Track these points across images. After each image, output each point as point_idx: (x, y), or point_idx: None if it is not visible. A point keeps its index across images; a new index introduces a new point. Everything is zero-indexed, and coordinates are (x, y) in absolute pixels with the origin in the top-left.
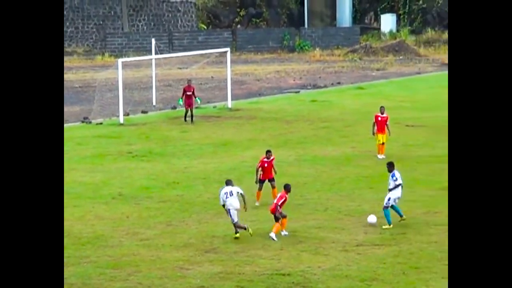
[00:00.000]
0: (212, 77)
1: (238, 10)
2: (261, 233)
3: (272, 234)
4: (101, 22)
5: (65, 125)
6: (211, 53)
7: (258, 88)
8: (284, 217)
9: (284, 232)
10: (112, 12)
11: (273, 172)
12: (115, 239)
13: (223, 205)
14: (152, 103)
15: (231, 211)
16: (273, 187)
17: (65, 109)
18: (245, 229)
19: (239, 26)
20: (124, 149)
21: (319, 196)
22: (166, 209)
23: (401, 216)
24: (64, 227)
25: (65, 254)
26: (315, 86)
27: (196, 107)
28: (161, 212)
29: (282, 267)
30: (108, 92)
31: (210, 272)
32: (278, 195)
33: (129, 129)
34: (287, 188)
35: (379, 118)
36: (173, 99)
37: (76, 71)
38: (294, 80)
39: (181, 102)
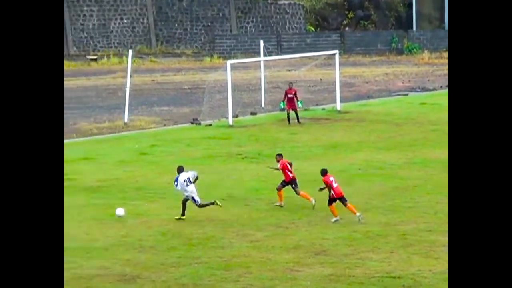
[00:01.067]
0: (320, 79)
1: (346, 12)
2: (370, 235)
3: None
4: (209, 24)
5: (174, 126)
6: (319, 55)
7: (367, 90)
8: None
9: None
10: (221, 14)
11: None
12: (225, 240)
13: (184, 194)
14: (261, 105)
15: (194, 198)
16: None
17: (175, 110)
18: (213, 203)
19: (347, 28)
20: (233, 150)
21: (429, 199)
22: (276, 211)
23: None
24: (175, 227)
25: (176, 255)
26: (424, 89)
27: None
28: (271, 214)
29: (393, 270)
30: (217, 94)
31: (321, 274)
32: (332, 178)
33: (238, 130)
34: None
35: None
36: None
37: (186, 72)
38: (402, 83)
39: (282, 105)
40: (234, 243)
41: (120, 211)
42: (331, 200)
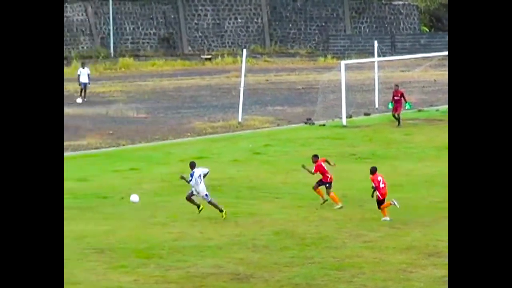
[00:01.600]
0: (434, 80)
1: None
2: None
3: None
4: (323, 24)
5: (288, 126)
6: (433, 56)
7: None
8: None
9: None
10: (335, 14)
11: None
12: (339, 241)
13: (193, 189)
14: (375, 105)
15: (208, 196)
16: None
17: (288, 109)
18: (221, 210)
19: None
20: (347, 150)
21: None
22: (390, 212)
23: None
24: (288, 227)
25: (290, 255)
26: None
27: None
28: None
29: None
30: (330, 94)
31: (434, 275)
32: (380, 178)
33: (352, 131)
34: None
35: None
36: None
37: (299, 72)
38: None
39: (390, 106)
40: (348, 243)
41: (134, 198)
42: (379, 202)
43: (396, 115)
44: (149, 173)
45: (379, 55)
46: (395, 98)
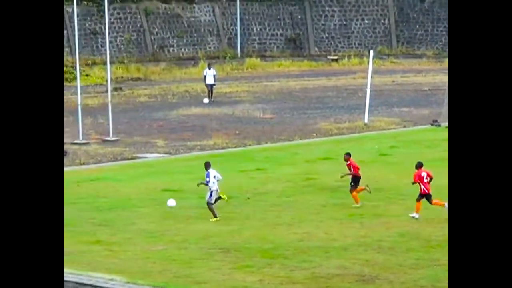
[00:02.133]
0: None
1: None
2: None
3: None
4: None
5: (414, 127)
6: None
7: None
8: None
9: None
10: None
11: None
12: None
13: (207, 185)
14: None
15: (211, 195)
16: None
17: (414, 111)
18: (215, 216)
19: None
20: None
21: None
22: None
23: None
24: (413, 229)
25: (415, 256)
26: None
27: None
28: None
29: None
30: None
31: None
32: (424, 174)
33: None
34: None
35: None
36: None
37: (426, 73)
38: None
39: None
40: None
41: (171, 202)
42: (421, 196)
43: None
44: (275, 173)
45: None
46: None
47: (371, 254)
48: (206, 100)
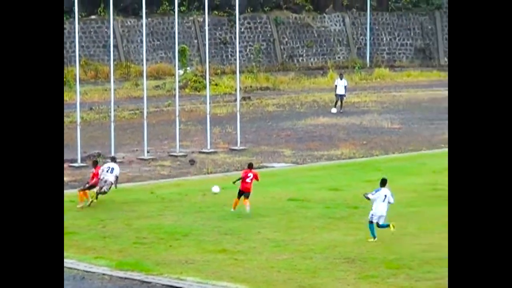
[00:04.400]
0: None
1: None
2: None
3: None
4: None
5: None
6: None
7: None
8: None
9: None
10: None
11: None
12: None
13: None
14: None
15: (107, 183)
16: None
17: None
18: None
19: None
20: None
21: None
22: None
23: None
24: None
25: None
26: None
27: None
28: None
29: None
30: None
31: None
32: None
33: None
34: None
35: None
36: None
37: None
38: None
39: None
40: None
41: (216, 189)
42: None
43: None
44: (401, 183)
45: None
46: None
47: None
48: (333, 110)
